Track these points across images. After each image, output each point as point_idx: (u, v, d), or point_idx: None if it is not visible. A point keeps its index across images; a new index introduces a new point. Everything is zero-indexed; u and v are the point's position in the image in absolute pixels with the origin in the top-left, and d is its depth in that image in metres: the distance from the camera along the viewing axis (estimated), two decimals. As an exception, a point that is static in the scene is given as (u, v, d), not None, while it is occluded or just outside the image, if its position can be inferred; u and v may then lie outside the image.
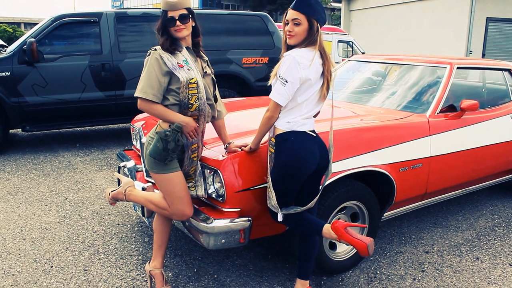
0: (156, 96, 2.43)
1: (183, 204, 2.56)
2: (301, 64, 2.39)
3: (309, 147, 2.50)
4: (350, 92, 4.45)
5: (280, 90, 2.40)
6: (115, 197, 2.89)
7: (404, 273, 3.22)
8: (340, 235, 2.43)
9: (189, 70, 2.47)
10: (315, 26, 2.44)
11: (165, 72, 2.44)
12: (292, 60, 2.38)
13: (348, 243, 2.42)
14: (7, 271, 3.15)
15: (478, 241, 3.75)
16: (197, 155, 2.60)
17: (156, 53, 2.46)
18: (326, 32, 13.52)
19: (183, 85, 2.43)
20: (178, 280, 3.07)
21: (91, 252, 3.42)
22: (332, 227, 2.45)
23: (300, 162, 2.47)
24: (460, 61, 4.04)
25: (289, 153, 2.47)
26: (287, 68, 2.39)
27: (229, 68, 7.07)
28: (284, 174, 2.49)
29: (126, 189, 2.82)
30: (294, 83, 2.40)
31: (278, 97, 2.42)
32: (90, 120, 6.51)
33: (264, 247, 3.50)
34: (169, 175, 2.50)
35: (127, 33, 6.49)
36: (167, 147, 2.41)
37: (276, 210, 2.52)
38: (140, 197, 2.76)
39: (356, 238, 2.41)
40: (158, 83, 2.42)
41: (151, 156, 2.47)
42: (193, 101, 2.47)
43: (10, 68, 5.88)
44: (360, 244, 2.38)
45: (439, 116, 3.60)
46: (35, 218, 4.03)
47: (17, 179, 5.10)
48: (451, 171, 3.63)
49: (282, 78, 2.39)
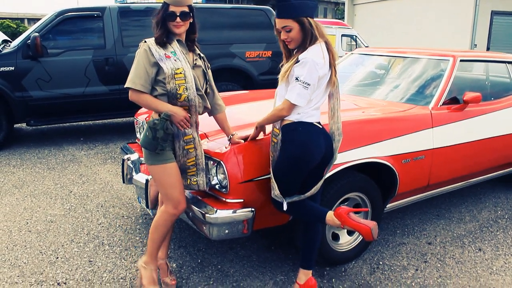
0: (144, 86, 2.46)
1: (176, 192, 2.56)
2: (319, 64, 2.40)
3: (315, 139, 2.52)
4: (354, 85, 4.46)
5: (302, 93, 2.40)
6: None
7: (407, 264, 3.24)
8: (343, 220, 2.44)
9: (175, 60, 2.49)
10: (306, 23, 2.42)
11: (153, 63, 2.47)
12: (312, 63, 2.38)
13: (352, 228, 2.43)
14: (13, 262, 3.19)
15: (480, 233, 3.76)
16: (193, 146, 2.58)
17: (145, 45, 2.50)
18: (329, 26, 13.50)
19: (168, 75, 2.45)
20: (182, 270, 3.10)
21: (96, 244, 3.45)
22: (335, 213, 2.47)
23: (306, 154, 2.49)
24: (463, 54, 4.03)
25: (296, 144, 2.48)
26: (308, 72, 2.39)
27: (233, 62, 7.08)
28: (290, 165, 2.50)
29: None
30: (315, 85, 2.43)
31: (299, 100, 2.41)
32: (94, 114, 6.54)
33: (268, 238, 3.52)
34: (163, 165, 2.52)
35: (130, 28, 6.50)
36: (156, 136, 2.42)
37: (281, 200, 2.54)
38: (152, 248, 2.69)
39: (360, 222, 2.42)
40: (146, 74, 2.45)
41: (142, 145, 2.51)
42: (181, 91, 2.48)
43: (15, 63, 5.91)
44: (363, 228, 2.39)
45: (442, 109, 3.60)
46: (40, 211, 4.06)
47: (22, 173, 5.14)
48: (453, 163, 3.64)
49: (304, 82, 2.39)
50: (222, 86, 6.73)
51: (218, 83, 6.78)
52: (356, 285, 2.97)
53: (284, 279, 3.02)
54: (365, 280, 3.03)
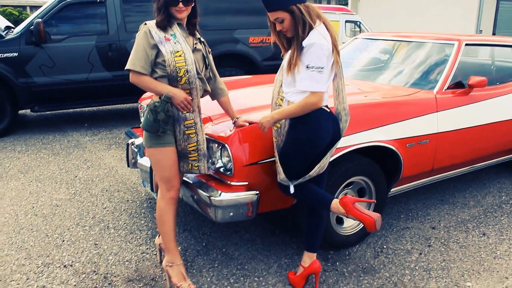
0: (144, 68, 2.45)
1: (171, 175, 2.56)
2: (324, 45, 2.38)
3: (325, 123, 2.51)
4: (358, 70, 4.44)
5: (320, 78, 2.37)
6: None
7: (411, 248, 3.25)
8: (348, 210, 2.44)
9: (175, 43, 2.48)
10: (296, 11, 2.37)
11: (153, 45, 2.45)
12: (317, 46, 2.36)
13: (356, 218, 2.43)
14: (20, 245, 3.22)
15: (485, 218, 3.76)
16: (194, 132, 2.56)
17: (145, 27, 2.48)
18: (333, 12, 13.39)
19: (168, 59, 2.44)
20: (187, 253, 3.12)
21: (101, 227, 3.48)
22: (341, 202, 2.47)
23: (315, 138, 2.49)
24: (468, 38, 4.00)
25: (306, 128, 2.47)
26: (317, 56, 2.36)
27: (236, 47, 7.05)
28: (298, 149, 2.50)
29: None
30: (327, 66, 2.42)
31: (320, 87, 2.38)
32: (97, 100, 6.55)
33: (272, 222, 3.53)
34: (161, 148, 2.51)
35: (133, 13, 6.47)
36: (158, 118, 2.42)
37: (287, 183, 2.54)
38: (167, 241, 2.69)
39: (364, 213, 2.42)
40: (146, 56, 2.44)
41: (143, 128, 2.50)
42: (182, 74, 2.47)
43: (18, 49, 5.91)
44: (368, 219, 2.39)
45: (447, 93, 3.59)
46: (46, 195, 4.09)
47: (27, 158, 5.16)
48: (458, 147, 3.63)
49: (317, 67, 2.36)
50: (226, 72, 6.71)
51: (222, 68, 6.80)
52: (360, 268, 2.99)
53: (288, 262, 3.04)
54: (369, 263, 3.04)
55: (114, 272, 2.90)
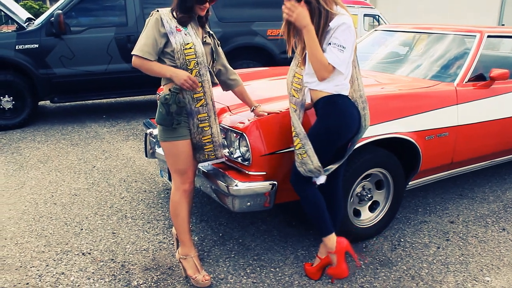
0: (151, 55, 2.44)
1: (185, 167, 2.56)
2: (352, 28, 2.37)
3: (352, 111, 2.51)
4: (377, 62, 4.39)
5: (341, 56, 2.34)
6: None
7: (429, 242, 3.22)
8: (337, 250, 2.60)
9: (186, 35, 2.46)
10: (313, 2, 2.36)
11: (163, 34, 2.44)
12: (346, 26, 2.34)
13: (336, 263, 2.60)
14: (40, 232, 3.27)
15: (504, 213, 3.70)
16: (208, 125, 2.54)
17: (157, 14, 2.46)
18: (352, 6, 13.24)
19: (177, 51, 2.43)
20: (203, 244, 3.14)
21: (119, 217, 3.51)
22: (338, 239, 2.60)
23: (344, 127, 2.48)
24: (490, 30, 3.93)
25: (336, 116, 2.46)
26: (343, 35, 2.33)
27: (254, 40, 7.03)
28: (326, 138, 2.48)
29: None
30: (351, 50, 2.40)
31: (340, 64, 2.35)
32: (116, 91, 6.61)
33: (289, 214, 3.53)
34: (176, 142, 2.51)
35: (151, 5, 6.47)
36: (170, 110, 2.41)
37: (319, 173, 2.49)
38: (183, 235, 2.72)
39: (344, 264, 2.61)
40: (155, 42, 2.42)
41: (158, 123, 2.50)
42: (192, 66, 2.45)
43: (39, 40, 5.98)
44: (342, 271, 2.61)
45: (468, 85, 3.53)
46: (65, 185, 4.14)
47: (46, 148, 5.23)
48: (478, 141, 3.58)
49: (339, 45, 2.33)
50: (243, 65, 6.70)
51: (239, 61, 6.80)
52: (377, 261, 2.97)
53: (305, 253, 3.03)
54: (386, 256, 3.02)
55: (132, 261, 2.93)
